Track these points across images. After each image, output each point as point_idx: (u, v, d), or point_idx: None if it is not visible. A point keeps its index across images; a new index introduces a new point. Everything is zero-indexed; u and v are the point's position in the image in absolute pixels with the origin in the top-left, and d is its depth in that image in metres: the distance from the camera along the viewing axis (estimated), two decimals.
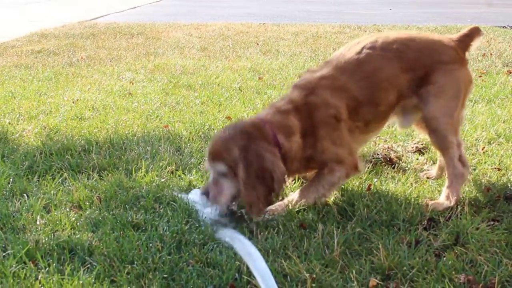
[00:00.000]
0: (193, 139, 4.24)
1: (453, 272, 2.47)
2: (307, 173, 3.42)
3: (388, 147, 4.00)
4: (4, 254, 2.61)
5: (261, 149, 2.91)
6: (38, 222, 2.92)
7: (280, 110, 3.10)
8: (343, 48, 3.37)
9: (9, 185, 3.38)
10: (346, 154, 3.14)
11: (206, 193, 2.99)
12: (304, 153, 3.10)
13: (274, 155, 2.93)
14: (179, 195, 3.20)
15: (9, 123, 4.66)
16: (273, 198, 2.95)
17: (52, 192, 3.28)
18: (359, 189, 3.34)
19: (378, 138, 4.26)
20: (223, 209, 2.98)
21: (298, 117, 3.08)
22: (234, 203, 3.04)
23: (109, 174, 3.54)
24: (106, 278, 2.44)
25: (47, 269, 2.50)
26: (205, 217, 2.95)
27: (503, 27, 11.79)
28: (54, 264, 2.52)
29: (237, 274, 2.46)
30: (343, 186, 3.34)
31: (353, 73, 3.19)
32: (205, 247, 2.69)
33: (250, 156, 2.88)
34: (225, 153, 2.93)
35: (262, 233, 2.82)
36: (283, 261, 2.55)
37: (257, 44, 9.13)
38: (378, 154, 3.85)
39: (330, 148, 3.11)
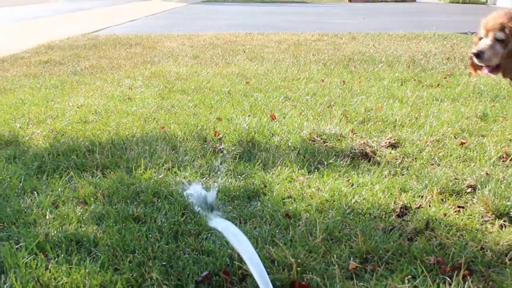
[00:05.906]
0: (187, 138, 4.22)
1: (424, 255, 2.48)
2: None
3: (364, 143, 4.00)
4: (17, 246, 2.58)
5: None
6: (47, 217, 2.89)
7: None
8: None
9: (21, 184, 3.34)
10: None
11: (481, 53, 3.25)
12: None
13: None
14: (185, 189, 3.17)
15: (20, 128, 4.61)
16: None
17: (59, 189, 3.25)
18: (339, 181, 3.35)
19: (354, 134, 4.26)
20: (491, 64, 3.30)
21: None
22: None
23: (111, 172, 3.51)
24: (110, 267, 2.42)
25: (56, 259, 2.47)
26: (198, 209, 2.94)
27: (465, 33, 11.87)
28: (62, 255, 2.50)
29: (229, 261, 2.45)
30: (324, 179, 3.34)
31: None
32: (199, 236, 2.68)
33: None
34: (507, 24, 3.17)
35: (251, 223, 2.81)
36: (270, 247, 2.54)
37: (244, 52, 9.11)
38: (355, 149, 3.86)
39: None
